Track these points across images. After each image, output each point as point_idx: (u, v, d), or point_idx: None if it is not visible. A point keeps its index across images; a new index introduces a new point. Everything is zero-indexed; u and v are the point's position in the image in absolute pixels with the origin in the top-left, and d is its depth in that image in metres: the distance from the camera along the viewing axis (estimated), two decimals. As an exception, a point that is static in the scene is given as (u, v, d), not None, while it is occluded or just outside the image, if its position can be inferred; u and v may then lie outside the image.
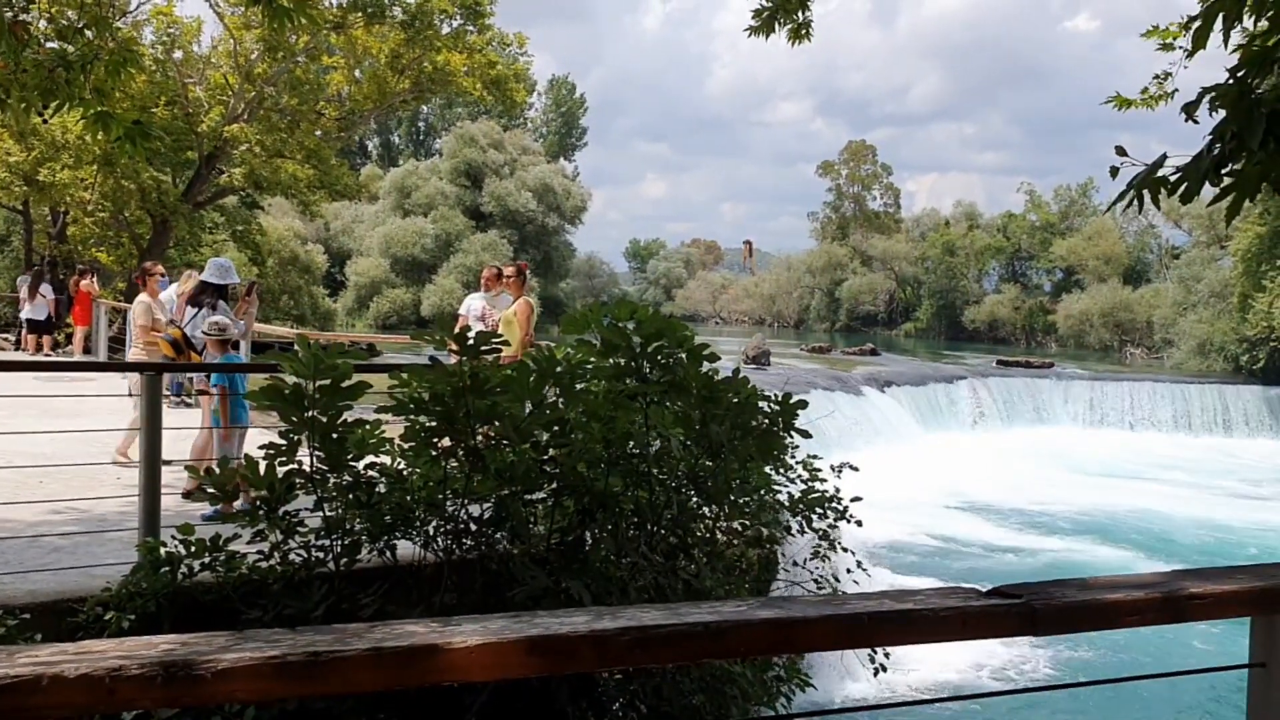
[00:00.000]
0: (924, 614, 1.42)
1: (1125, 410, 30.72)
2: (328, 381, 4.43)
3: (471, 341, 4.25)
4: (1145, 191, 2.45)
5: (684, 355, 5.06)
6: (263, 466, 4.62)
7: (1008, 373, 33.39)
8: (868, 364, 33.34)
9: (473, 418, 4.41)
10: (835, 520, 6.28)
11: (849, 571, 6.78)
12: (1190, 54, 2.73)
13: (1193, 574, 1.79)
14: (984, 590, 1.53)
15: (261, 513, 4.67)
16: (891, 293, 72.72)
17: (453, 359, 4.58)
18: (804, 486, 6.33)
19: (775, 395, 5.29)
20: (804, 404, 5.16)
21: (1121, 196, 2.54)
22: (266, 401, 4.48)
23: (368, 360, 4.98)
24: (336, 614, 4.74)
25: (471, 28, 21.98)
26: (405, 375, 4.44)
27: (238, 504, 5.14)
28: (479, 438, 4.69)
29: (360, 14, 20.40)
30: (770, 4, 7.83)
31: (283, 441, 4.56)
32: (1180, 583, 1.72)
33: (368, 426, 4.73)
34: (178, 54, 21.74)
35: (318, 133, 22.43)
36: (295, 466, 4.66)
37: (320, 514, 4.77)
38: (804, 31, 7.99)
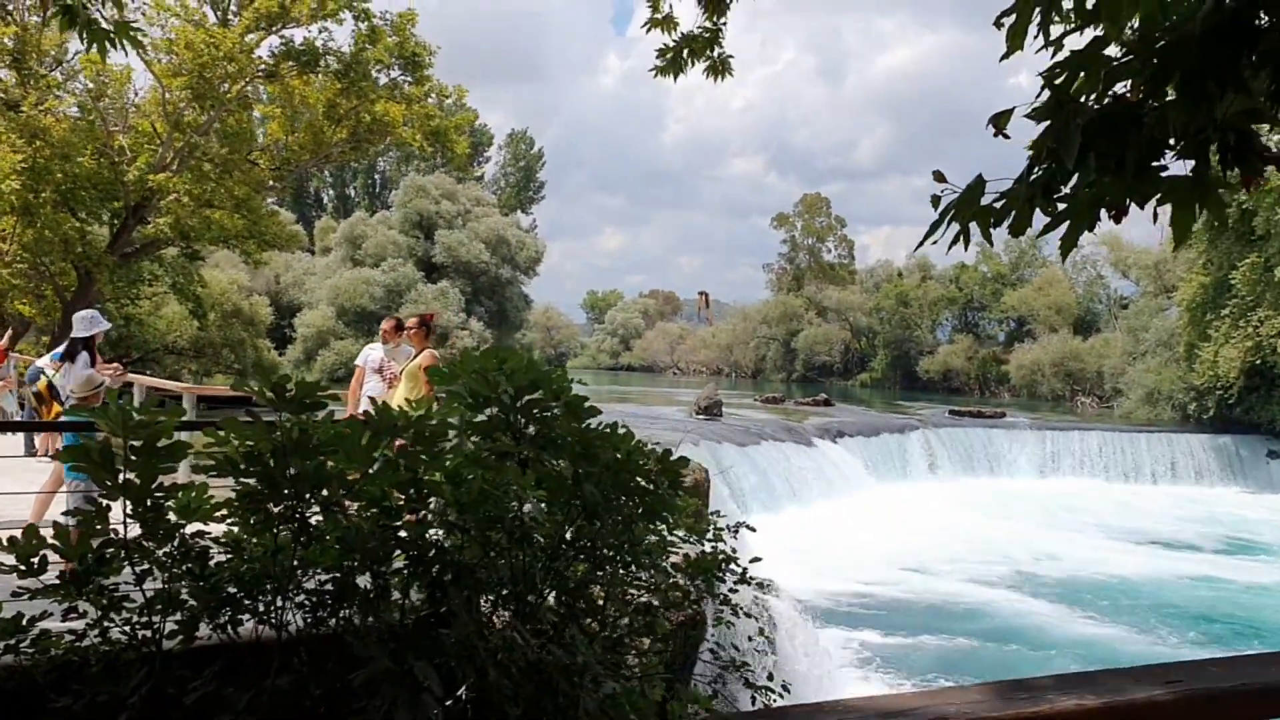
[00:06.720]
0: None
1: (1075, 459, 30.68)
2: (140, 442, 3.95)
3: (292, 393, 3.80)
4: (974, 223, 2.06)
5: (559, 409, 4.64)
6: (74, 535, 4.12)
7: (960, 423, 33.26)
8: (820, 414, 33.06)
9: (300, 481, 3.94)
10: (735, 584, 5.83)
11: (766, 642, 6.32)
12: (1005, 56, 2.35)
13: (1024, 684, 1.39)
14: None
15: (73, 587, 4.16)
16: (846, 343, 72.89)
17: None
18: (707, 548, 5.89)
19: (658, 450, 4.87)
20: (685, 461, 4.73)
21: (935, 227, 2.14)
22: (71, 462, 4.00)
23: (184, 416, 4.49)
24: (160, 698, 4.23)
25: (409, 79, 21.71)
26: (222, 432, 3.96)
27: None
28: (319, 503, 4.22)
29: (293, 63, 20.06)
30: (675, 43, 7.55)
31: (90, 507, 4.06)
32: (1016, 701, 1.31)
33: (195, 490, 4.24)
34: (104, 102, 21.23)
35: (251, 182, 21.93)
36: (111, 535, 4.16)
37: (142, 588, 4.27)
38: (722, 68, 7.72)
